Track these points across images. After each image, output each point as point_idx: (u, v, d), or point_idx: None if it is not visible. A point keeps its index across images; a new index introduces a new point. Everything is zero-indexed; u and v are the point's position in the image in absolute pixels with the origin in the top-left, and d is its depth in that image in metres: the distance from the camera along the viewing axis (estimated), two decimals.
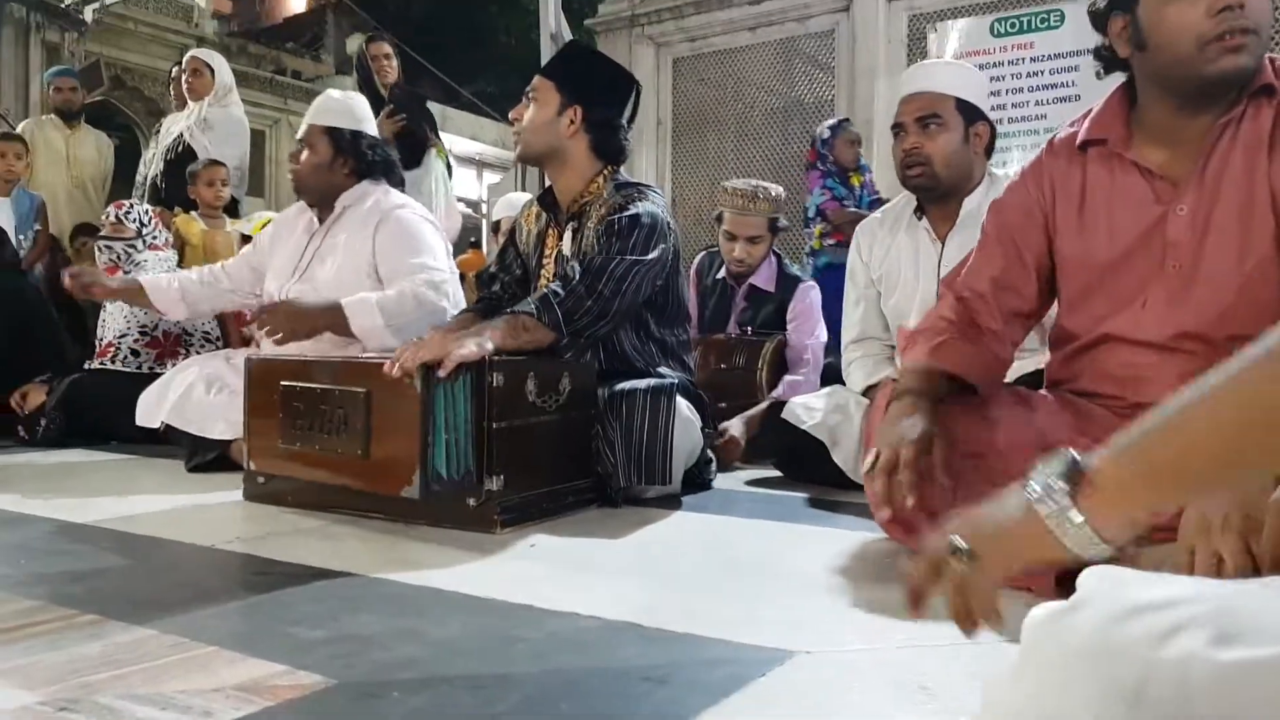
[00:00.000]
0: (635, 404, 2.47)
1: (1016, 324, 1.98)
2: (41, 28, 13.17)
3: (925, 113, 2.62)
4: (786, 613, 1.54)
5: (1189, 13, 1.67)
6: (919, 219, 2.76)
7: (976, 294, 1.95)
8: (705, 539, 2.20)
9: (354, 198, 3.22)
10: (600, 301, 2.48)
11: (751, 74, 8.04)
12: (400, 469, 2.16)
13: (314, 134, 3.26)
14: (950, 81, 2.66)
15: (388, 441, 2.21)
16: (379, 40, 5.54)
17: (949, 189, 2.66)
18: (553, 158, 2.77)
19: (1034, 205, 1.95)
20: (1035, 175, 1.97)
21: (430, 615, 1.52)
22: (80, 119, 6.50)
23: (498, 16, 21.29)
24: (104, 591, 1.66)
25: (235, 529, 2.21)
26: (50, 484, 2.89)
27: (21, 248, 5.36)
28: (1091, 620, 0.64)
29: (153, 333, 4.05)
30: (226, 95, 5.64)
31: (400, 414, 2.17)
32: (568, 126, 2.73)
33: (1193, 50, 1.68)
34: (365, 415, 2.24)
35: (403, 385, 2.15)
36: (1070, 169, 1.91)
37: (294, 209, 3.48)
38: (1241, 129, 1.73)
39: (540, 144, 2.76)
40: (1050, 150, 1.97)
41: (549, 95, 2.74)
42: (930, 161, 2.62)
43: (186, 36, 15.55)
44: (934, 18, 7.04)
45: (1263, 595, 0.62)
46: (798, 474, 2.97)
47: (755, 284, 3.88)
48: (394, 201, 3.20)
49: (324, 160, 3.22)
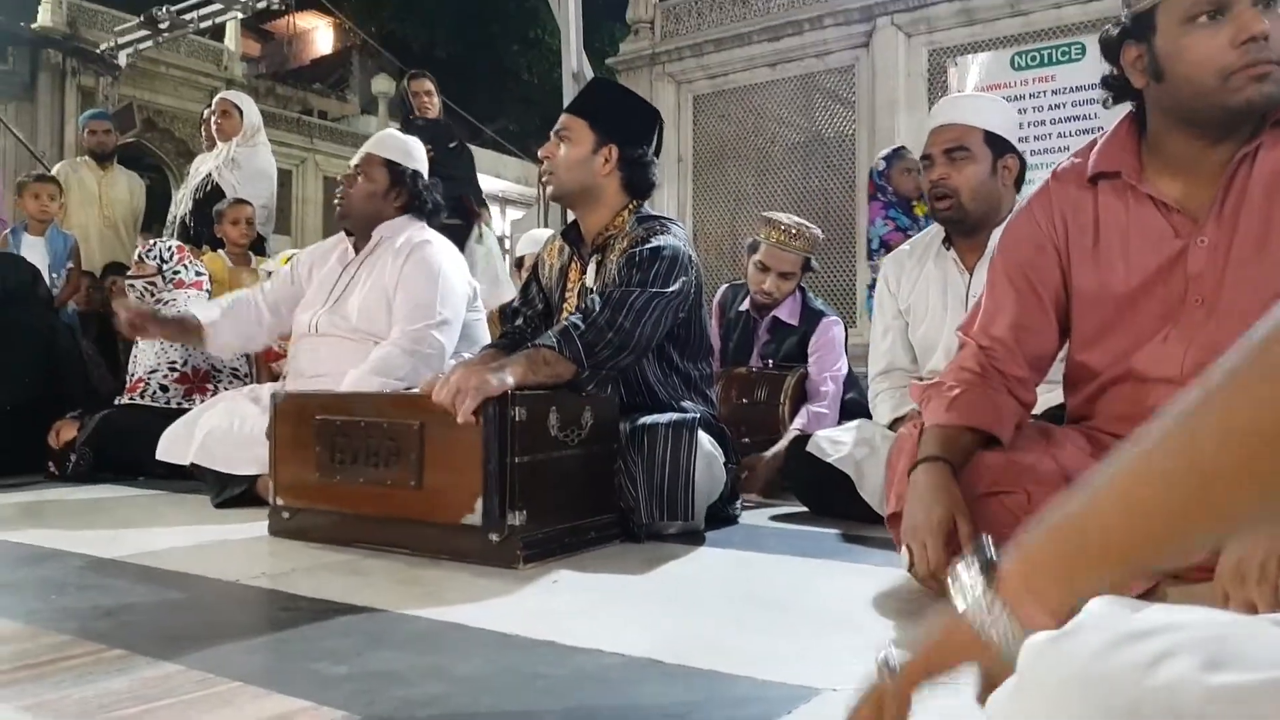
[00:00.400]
0: (657, 439, 2.47)
1: (1040, 365, 1.96)
2: (77, 73, 13.43)
3: (953, 144, 2.62)
4: (812, 649, 1.53)
5: (1211, 44, 1.64)
6: (947, 249, 2.76)
7: (997, 341, 1.92)
8: (729, 574, 2.18)
9: (391, 230, 3.29)
10: (621, 334, 2.47)
11: (772, 109, 8.09)
12: (459, 498, 2.19)
13: (373, 163, 3.31)
14: (979, 114, 2.67)
15: (443, 471, 2.24)
16: (420, 77, 5.62)
17: (977, 221, 2.66)
18: (585, 196, 2.77)
19: (1045, 239, 1.91)
20: (1044, 207, 1.93)
21: (453, 651, 1.52)
22: (113, 160, 6.60)
23: (520, 56, 21.56)
24: (131, 626, 1.66)
25: (261, 564, 2.22)
26: (79, 519, 2.91)
27: (55, 286, 5.44)
28: (1086, 645, 0.64)
29: (181, 368, 4.09)
30: (254, 135, 5.73)
31: (457, 444, 2.20)
32: (602, 165, 2.73)
33: (1216, 82, 1.65)
34: (419, 446, 2.26)
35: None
36: (1081, 201, 1.88)
37: (330, 241, 3.54)
38: (1259, 159, 1.70)
39: (574, 183, 2.76)
40: (1057, 181, 1.93)
41: (583, 134, 2.74)
42: (957, 193, 2.62)
43: (216, 79, 15.80)
44: (954, 52, 7.07)
45: (1256, 625, 0.62)
46: (823, 509, 2.95)
47: (779, 316, 3.90)
48: (424, 237, 3.26)
49: (379, 190, 3.29)
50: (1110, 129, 1.89)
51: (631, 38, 8.68)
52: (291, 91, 21.62)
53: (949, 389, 1.89)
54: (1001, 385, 1.90)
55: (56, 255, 5.71)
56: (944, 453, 1.79)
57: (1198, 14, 1.66)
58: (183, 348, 4.11)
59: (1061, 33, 6.60)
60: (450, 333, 3.16)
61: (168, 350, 4.09)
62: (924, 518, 1.69)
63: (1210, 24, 1.65)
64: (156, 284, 4.16)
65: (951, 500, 1.70)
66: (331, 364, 3.14)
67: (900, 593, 1.92)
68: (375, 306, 3.18)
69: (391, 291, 3.17)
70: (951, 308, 2.73)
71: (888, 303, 2.92)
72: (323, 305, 3.28)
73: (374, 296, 3.19)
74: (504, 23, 21.40)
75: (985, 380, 1.89)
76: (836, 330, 3.85)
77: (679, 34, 8.45)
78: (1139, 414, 1.81)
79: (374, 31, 20.69)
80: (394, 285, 3.16)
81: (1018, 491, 1.75)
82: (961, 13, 6.98)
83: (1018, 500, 1.74)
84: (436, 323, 3.11)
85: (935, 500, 1.70)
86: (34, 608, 1.78)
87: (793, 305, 3.92)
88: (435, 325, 3.11)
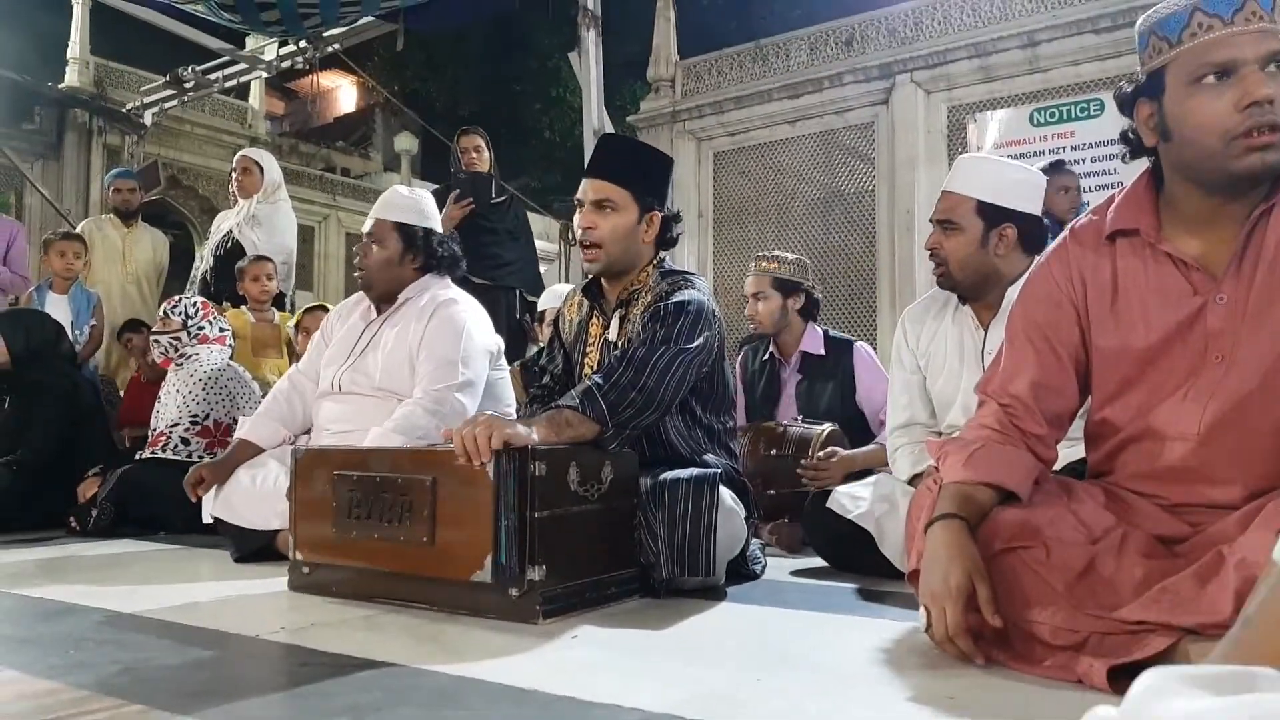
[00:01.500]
0: (678, 494, 2.45)
1: (1060, 423, 1.95)
2: (103, 131, 13.63)
3: (943, 216, 2.68)
4: (832, 706, 1.51)
5: (1215, 105, 1.65)
6: (963, 304, 2.77)
7: (1017, 399, 1.91)
8: (749, 630, 2.17)
9: (415, 290, 3.28)
10: (645, 393, 2.45)
11: (792, 166, 8.14)
12: (469, 555, 2.17)
13: (384, 229, 3.27)
14: (976, 183, 2.68)
15: (455, 528, 2.22)
16: (471, 133, 5.65)
17: (969, 289, 2.72)
18: (630, 263, 2.75)
19: (1064, 298, 1.91)
20: (1062, 265, 1.92)
21: (472, 707, 1.51)
22: (138, 218, 6.68)
23: (542, 115, 21.78)
24: (151, 682, 1.66)
25: (280, 619, 2.21)
26: (99, 574, 2.92)
27: (78, 342, 5.50)
28: None
29: (203, 421, 4.13)
30: (275, 192, 5.79)
31: (469, 500, 2.18)
32: (645, 230, 2.73)
33: (1219, 145, 1.66)
34: (431, 502, 2.25)
35: (472, 471, 2.16)
36: (1099, 260, 1.87)
37: (354, 298, 3.52)
38: (1274, 215, 1.70)
39: (623, 255, 2.72)
40: (1075, 239, 1.93)
41: (626, 203, 2.69)
42: (946, 262, 2.68)
43: (240, 137, 16.03)
44: (973, 108, 7.12)
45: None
46: (844, 564, 2.93)
47: (806, 350, 4.00)
48: (448, 296, 3.25)
49: (393, 255, 3.26)
50: (1127, 186, 1.90)
51: (652, 96, 8.77)
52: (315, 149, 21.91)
53: (967, 445, 1.88)
54: (1021, 442, 1.89)
55: (80, 312, 5.78)
56: (961, 510, 1.77)
57: (1204, 75, 1.67)
58: (205, 401, 4.14)
59: (1079, 89, 6.64)
60: (473, 394, 3.13)
61: (189, 403, 4.13)
62: (941, 583, 1.68)
63: (1216, 85, 1.66)
64: (181, 339, 4.21)
65: (970, 562, 1.69)
66: (356, 420, 3.13)
67: (921, 649, 1.89)
68: (398, 366, 3.16)
69: (415, 350, 3.15)
70: (967, 363, 2.73)
71: (906, 356, 2.92)
72: (345, 362, 3.26)
73: (398, 356, 3.17)
74: (526, 82, 21.65)
75: (1005, 437, 1.89)
76: (871, 352, 4.02)
77: (700, 91, 8.53)
78: (1158, 471, 1.81)
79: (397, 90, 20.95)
80: (418, 344, 3.15)
81: (1035, 546, 1.74)
82: (980, 70, 7.03)
83: (1035, 555, 1.73)
84: (459, 384, 3.08)
85: (953, 562, 1.69)
86: (53, 663, 1.78)
87: (814, 336, 4.03)
88: (458, 387, 3.08)
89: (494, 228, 5.49)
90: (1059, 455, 2.00)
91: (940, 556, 1.71)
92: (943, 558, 1.70)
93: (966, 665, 1.72)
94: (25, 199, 13.31)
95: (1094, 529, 1.78)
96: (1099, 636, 1.60)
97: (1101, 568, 1.69)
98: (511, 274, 5.64)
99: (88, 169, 13.66)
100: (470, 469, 2.16)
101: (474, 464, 2.14)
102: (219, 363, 4.27)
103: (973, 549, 1.71)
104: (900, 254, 7.22)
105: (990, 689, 1.58)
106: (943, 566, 1.69)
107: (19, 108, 13.23)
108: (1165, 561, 1.68)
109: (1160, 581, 1.61)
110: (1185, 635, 1.53)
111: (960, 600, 1.64)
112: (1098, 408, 1.92)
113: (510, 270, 5.64)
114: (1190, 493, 1.78)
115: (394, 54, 18.71)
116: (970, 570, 1.67)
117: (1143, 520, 1.79)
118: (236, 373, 4.33)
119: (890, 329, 7.39)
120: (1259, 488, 1.69)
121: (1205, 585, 1.53)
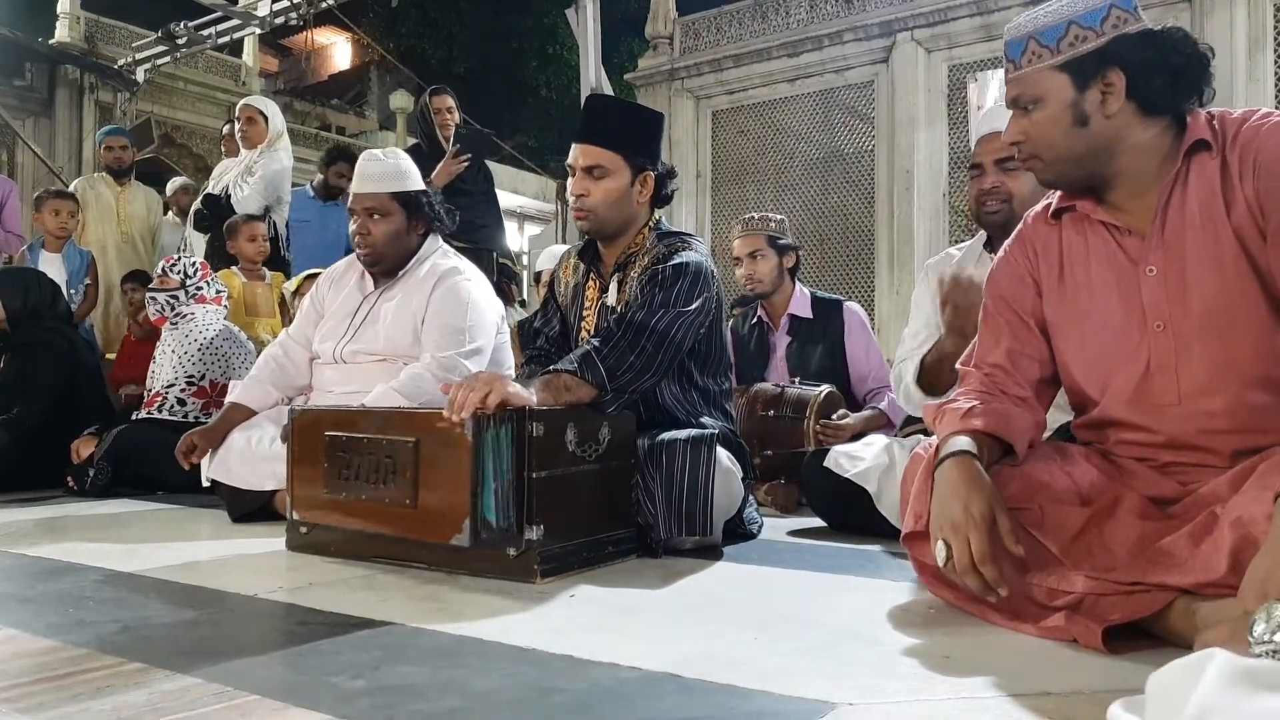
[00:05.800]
0: (675, 454, 2.46)
1: (1042, 390, 1.99)
2: (95, 89, 13.50)
3: (1004, 155, 2.62)
4: (829, 664, 1.52)
5: None
6: (990, 253, 2.76)
7: (998, 367, 1.96)
8: (746, 589, 2.18)
9: (413, 262, 3.22)
10: (644, 357, 2.45)
11: (790, 125, 8.10)
12: (450, 517, 2.17)
13: (385, 202, 3.15)
14: None
15: (436, 490, 2.22)
16: (442, 93, 5.60)
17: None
18: (624, 226, 2.74)
19: (1025, 272, 2.00)
20: (1020, 245, 2.02)
21: (471, 665, 1.51)
22: (130, 176, 6.63)
23: (538, 72, 21.64)
24: (149, 640, 1.67)
25: (278, 578, 2.22)
26: (97, 533, 2.93)
27: (73, 301, 5.47)
28: None
29: (199, 382, 4.12)
30: (277, 141, 5.72)
31: (450, 463, 2.18)
32: (639, 193, 2.71)
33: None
34: (414, 464, 2.25)
35: (452, 434, 2.16)
36: (1049, 237, 1.97)
37: (344, 263, 3.47)
38: (1190, 185, 1.76)
39: (618, 219, 2.71)
40: (1031, 220, 2.03)
41: (618, 167, 2.67)
42: (1011, 199, 2.66)
43: (234, 94, 15.85)
44: (974, 68, 7.07)
45: None
46: (841, 524, 2.94)
47: (794, 313, 4.01)
48: (450, 264, 3.20)
49: (400, 227, 3.17)
50: None
51: (650, 53, 8.71)
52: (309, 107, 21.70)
53: (962, 405, 1.89)
54: (1009, 404, 1.91)
55: (74, 271, 5.75)
56: (970, 449, 1.79)
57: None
58: (200, 362, 4.13)
59: None
60: (481, 361, 3.10)
61: (185, 364, 4.12)
62: (963, 512, 1.67)
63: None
64: (179, 297, 4.19)
65: (989, 491, 1.70)
66: (362, 382, 3.10)
67: (917, 607, 1.91)
68: (402, 334, 3.13)
69: (420, 318, 3.11)
70: None
71: (927, 304, 2.89)
72: (344, 336, 3.21)
73: (401, 323, 3.13)
74: (522, 39, 21.48)
75: (995, 398, 1.91)
76: (862, 313, 4.05)
77: (698, 49, 8.47)
78: (1140, 441, 1.83)
79: (392, 48, 20.77)
80: (422, 312, 3.11)
81: (1031, 507, 1.77)
82: (981, 28, 6.98)
83: (1031, 516, 1.76)
84: (467, 351, 3.06)
85: (973, 492, 1.69)
86: (52, 621, 1.79)
87: (802, 299, 4.03)
88: (466, 354, 3.05)
89: (470, 189, 5.45)
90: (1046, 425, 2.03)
91: (959, 489, 1.71)
92: (961, 490, 1.70)
93: (963, 624, 1.73)
94: (17, 157, 13.19)
95: (1088, 491, 1.79)
96: (1094, 597, 1.61)
97: (1096, 529, 1.71)
98: (488, 235, 5.63)
99: (80, 126, 13.54)
100: (452, 432, 2.15)
101: (453, 419, 2.13)
102: (215, 325, 4.26)
103: (989, 482, 1.72)
104: (899, 214, 7.19)
105: (986, 648, 1.59)
106: (962, 497, 1.69)
107: (9, 64, 13.07)
108: (1159, 523, 1.70)
109: (1155, 542, 1.63)
110: (1180, 595, 1.54)
111: (985, 527, 1.64)
112: (1065, 379, 1.97)
113: (487, 232, 5.62)
114: (1178, 454, 1.80)
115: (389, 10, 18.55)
116: (990, 499, 1.68)
117: (1135, 481, 1.81)
118: (232, 333, 4.32)
119: (889, 289, 7.39)
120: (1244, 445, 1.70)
121: (1199, 545, 1.55)
